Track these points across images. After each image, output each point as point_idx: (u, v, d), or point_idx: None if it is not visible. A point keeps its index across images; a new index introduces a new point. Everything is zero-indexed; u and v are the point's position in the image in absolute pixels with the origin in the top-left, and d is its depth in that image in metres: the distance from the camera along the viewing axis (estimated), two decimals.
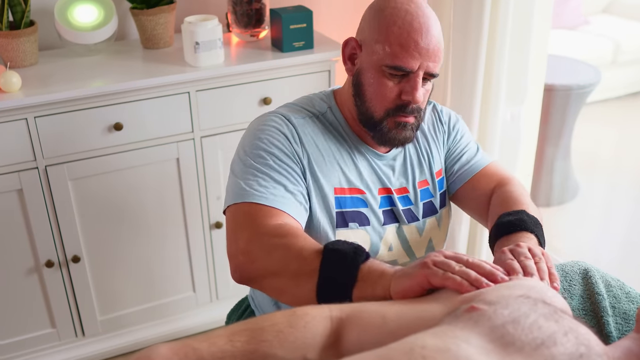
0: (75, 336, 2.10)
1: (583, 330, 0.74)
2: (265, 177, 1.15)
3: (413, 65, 1.14)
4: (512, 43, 2.00)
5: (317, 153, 1.21)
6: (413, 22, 1.14)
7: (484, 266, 0.90)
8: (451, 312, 0.78)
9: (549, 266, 0.98)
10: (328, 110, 1.29)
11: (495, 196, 1.26)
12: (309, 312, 0.81)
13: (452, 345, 0.67)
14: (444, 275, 0.88)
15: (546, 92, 2.37)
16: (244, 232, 1.08)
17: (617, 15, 4.83)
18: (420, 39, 1.13)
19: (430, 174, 1.33)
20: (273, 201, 1.11)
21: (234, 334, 0.77)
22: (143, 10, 2.02)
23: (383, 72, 1.17)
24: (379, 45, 1.16)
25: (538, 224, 1.12)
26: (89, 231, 1.98)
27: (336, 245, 0.99)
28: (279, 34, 2.05)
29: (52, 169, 1.86)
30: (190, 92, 1.93)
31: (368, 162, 1.27)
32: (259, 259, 1.05)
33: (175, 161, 2.00)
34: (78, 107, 1.82)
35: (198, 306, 2.25)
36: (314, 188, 1.20)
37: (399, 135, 1.21)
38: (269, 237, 1.05)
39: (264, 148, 1.18)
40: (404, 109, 1.18)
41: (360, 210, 1.24)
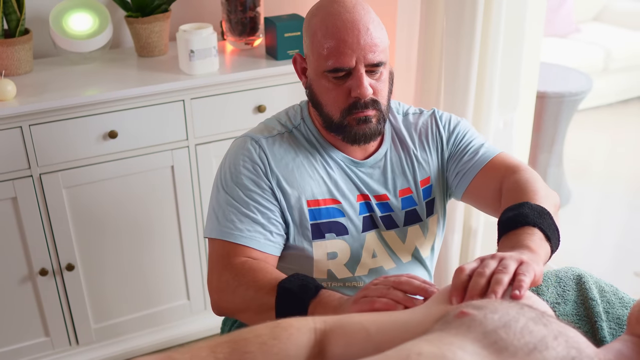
0: (69, 345, 2.09)
1: (572, 333, 0.74)
2: (234, 210, 1.21)
3: (349, 62, 1.16)
4: (504, 50, 2.01)
5: (286, 171, 1.25)
6: (336, 21, 1.16)
7: (413, 282, 0.95)
8: (441, 318, 0.78)
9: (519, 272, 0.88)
10: (301, 122, 1.31)
11: (505, 187, 1.21)
12: (293, 324, 0.81)
13: (448, 352, 0.67)
14: (371, 301, 0.94)
15: (538, 100, 2.38)
16: (215, 270, 1.19)
17: (608, 23, 4.86)
18: (347, 36, 1.15)
19: (414, 182, 1.32)
20: (239, 238, 1.19)
21: (216, 345, 0.77)
22: (138, 19, 2.02)
23: (327, 77, 1.19)
24: (314, 53, 1.19)
25: (544, 214, 1.06)
26: (83, 239, 1.98)
27: (287, 284, 1.07)
28: (273, 42, 2.06)
29: (47, 177, 1.85)
30: (185, 100, 1.94)
31: (343, 170, 1.28)
32: (227, 297, 1.16)
33: (169, 169, 2.01)
34: (73, 115, 1.82)
35: (192, 314, 2.25)
36: (286, 205, 1.24)
37: (364, 129, 1.21)
38: (233, 276, 1.15)
39: (233, 180, 1.24)
40: (357, 105, 1.19)
41: (337, 220, 1.26)
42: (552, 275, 1.10)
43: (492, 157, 1.29)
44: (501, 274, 0.86)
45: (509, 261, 0.89)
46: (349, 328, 0.83)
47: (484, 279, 0.87)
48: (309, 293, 1.03)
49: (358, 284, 1.29)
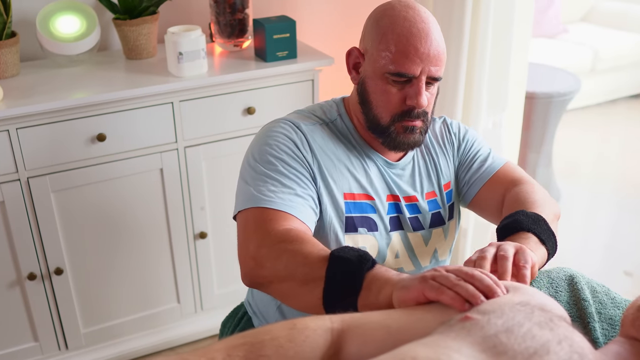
0: (58, 349, 2.08)
1: (578, 338, 0.74)
2: (274, 182, 1.16)
3: (415, 70, 1.16)
4: (493, 51, 2.02)
5: (326, 159, 1.23)
6: (412, 28, 1.16)
7: (485, 279, 0.86)
8: (445, 321, 0.78)
9: (520, 265, 0.97)
10: (338, 117, 1.31)
11: (506, 200, 1.26)
12: (310, 326, 0.80)
13: (443, 356, 0.67)
14: (440, 289, 0.85)
15: (527, 100, 2.39)
16: (253, 238, 1.10)
17: (596, 23, 4.89)
18: (419, 45, 1.15)
19: (438, 186, 1.34)
20: (282, 205, 1.13)
21: (232, 347, 0.75)
22: (126, 21, 2.01)
23: (386, 79, 1.19)
24: (380, 53, 1.18)
25: (538, 221, 1.10)
26: (72, 243, 1.97)
27: (342, 253, 0.99)
28: (262, 44, 2.05)
29: (35, 180, 1.84)
30: (173, 103, 1.93)
31: (378, 169, 1.29)
32: (267, 264, 1.06)
33: (159, 172, 2.00)
34: (60, 118, 1.81)
35: (183, 317, 2.24)
36: (324, 193, 1.22)
37: (408, 139, 1.23)
38: (277, 242, 1.06)
39: (273, 154, 1.20)
40: (410, 113, 1.21)
41: (369, 215, 1.26)
42: (544, 276, 1.10)
43: (498, 169, 1.34)
44: (504, 260, 0.97)
45: (507, 246, 0.99)
46: (368, 326, 0.81)
47: (487, 262, 0.96)
48: (366, 263, 0.96)
49: None
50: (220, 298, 2.25)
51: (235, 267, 2.21)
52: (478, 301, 0.82)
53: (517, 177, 1.31)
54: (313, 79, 2.09)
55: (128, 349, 2.17)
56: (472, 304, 0.83)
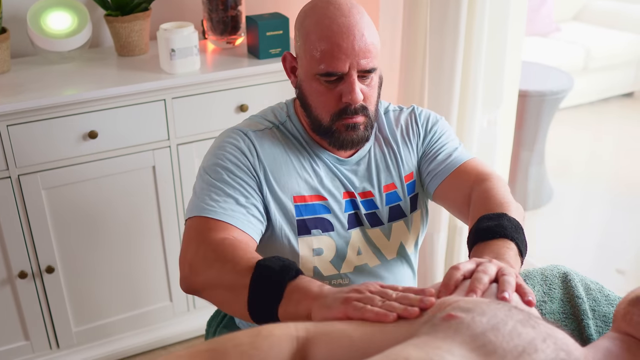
0: (49, 348, 2.06)
1: (560, 334, 0.74)
2: (218, 191, 1.18)
3: (342, 67, 1.15)
4: (488, 49, 2.02)
5: (274, 164, 1.23)
6: (332, 25, 1.14)
7: (411, 297, 0.85)
8: (427, 321, 0.77)
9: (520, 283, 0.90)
10: (287, 119, 1.30)
11: (476, 194, 1.22)
12: (274, 333, 0.79)
13: (436, 357, 0.67)
14: (363, 309, 0.85)
15: (520, 98, 2.39)
16: (191, 245, 1.12)
17: (588, 22, 4.91)
18: (342, 41, 1.14)
19: (398, 177, 1.32)
20: (222, 215, 1.14)
21: (195, 354, 0.75)
22: (118, 17, 2.00)
23: (318, 80, 1.18)
24: (307, 55, 1.18)
25: (519, 229, 1.09)
26: (63, 241, 1.95)
27: (267, 262, 1.00)
28: (255, 41, 2.05)
29: (25, 178, 1.83)
30: (166, 100, 1.92)
31: (329, 167, 1.28)
32: (200, 271, 1.08)
33: (151, 169, 1.98)
34: (51, 115, 1.80)
35: (175, 316, 2.23)
36: (272, 199, 1.22)
37: (352, 136, 1.22)
38: (211, 250, 1.08)
39: (219, 164, 1.21)
40: (347, 110, 1.19)
41: (323, 216, 1.25)
42: (538, 273, 1.10)
43: (464, 162, 1.31)
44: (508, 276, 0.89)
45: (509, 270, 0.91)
46: (333, 335, 0.81)
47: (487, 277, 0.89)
48: (288, 274, 0.96)
49: (344, 281, 1.29)
50: None
51: None
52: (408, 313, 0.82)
53: (485, 171, 1.27)
54: None
55: (120, 347, 2.16)
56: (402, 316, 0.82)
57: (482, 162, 1.33)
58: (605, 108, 4.61)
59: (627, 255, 2.86)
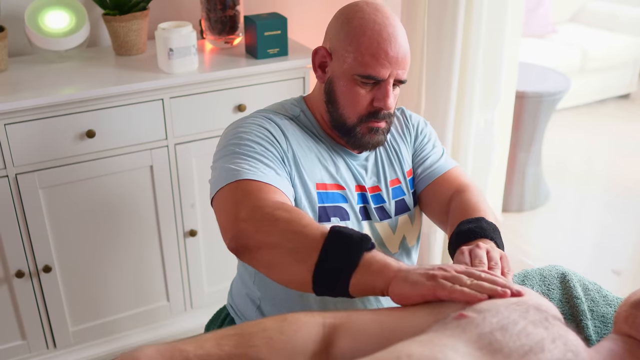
0: (46, 348, 2.06)
1: (572, 336, 0.74)
2: (254, 161, 1.14)
3: (384, 73, 1.19)
4: (485, 50, 2.02)
5: (299, 149, 1.24)
6: (382, 32, 1.18)
7: (497, 280, 0.85)
8: (440, 319, 0.78)
9: (506, 271, 1.01)
10: (301, 113, 1.33)
11: (455, 203, 1.28)
12: (301, 319, 0.80)
13: (439, 354, 0.67)
14: (452, 288, 0.83)
15: (517, 99, 2.39)
16: (245, 203, 1.05)
17: (584, 24, 4.92)
18: (389, 49, 1.17)
19: (401, 173, 1.37)
20: (268, 179, 1.10)
21: (222, 337, 0.76)
22: (115, 17, 2.00)
23: (355, 80, 1.21)
24: (349, 54, 1.19)
25: (497, 231, 1.15)
26: (60, 240, 1.95)
27: (343, 229, 0.96)
28: (253, 41, 2.05)
29: (23, 177, 1.82)
30: (164, 99, 1.92)
31: (344, 160, 1.31)
32: (261, 227, 1.01)
33: (148, 169, 1.98)
34: (49, 115, 1.79)
35: (172, 315, 2.23)
36: (298, 182, 1.22)
37: (372, 139, 1.26)
38: (272, 208, 1.02)
39: (249, 139, 1.19)
40: (376, 115, 1.23)
41: (341, 205, 1.27)
42: (536, 274, 1.11)
43: (446, 170, 1.37)
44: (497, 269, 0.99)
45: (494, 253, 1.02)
46: (361, 321, 0.81)
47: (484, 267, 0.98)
48: (367, 242, 0.93)
49: None
50: (210, 296, 2.24)
51: (226, 265, 2.20)
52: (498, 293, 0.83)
53: (465, 182, 1.34)
54: (304, 76, 2.08)
55: (117, 347, 2.16)
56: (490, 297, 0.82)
57: (463, 173, 1.39)
58: (602, 109, 4.62)
59: (623, 255, 2.87)
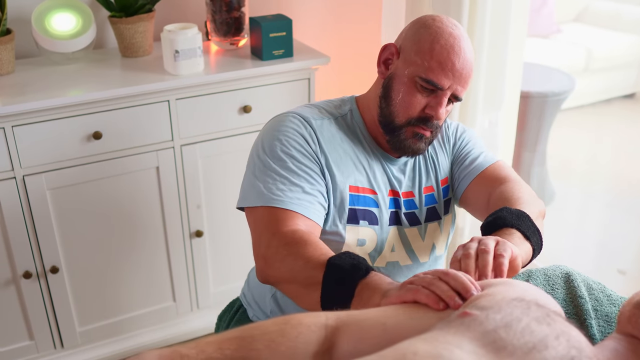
0: (54, 348, 2.07)
1: (575, 333, 0.75)
2: (284, 180, 1.20)
3: (445, 83, 1.21)
4: (489, 50, 2.03)
5: (334, 152, 1.27)
6: (454, 44, 1.20)
7: (459, 277, 0.89)
8: (443, 318, 0.79)
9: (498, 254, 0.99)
10: (349, 112, 1.35)
11: (492, 198, 1.28)
12: (304, 322, 0.80)
13: (444, 351, 0.67)
14: (415, 290, 0.89)
15: (522, 99, 2.40)
16: (263, 237, 1.16)
17: (589, 23, 4.91)
18: (457, 61, 1.20)
19: (435, 181, 1.38)
20: (290, 204, 1.17)
21: (223, 341, 0.77)
22: (122, 19, 2.01)
23: (415, 82, 1.22)
24: (418, 56, 1.21)
25: (521, 216, 1.13)
26: (67, 241, 1.96)
27: (337, 260, 1.03)
28: (258, 43, 2.05)
29: (30, 178, 1.83)
30: (170, 101, 1.93)
31: (381, 164, 1.33)
32: (274, 265, 1.12)
33: (155, 170, 1.99)
34: (56, 116, 1.81)
35: (178, 316, 2.23)
36: (332, 186, 1.25)
37: (414, 145, 1.28)
38: (283, 244, 1.11)
39: (283, 150, 1.23)
40: (425, 122, 1.25)
41: (371, 209, 1.29)
42: (540, 273, 1.11)
43: (486, 166, 1.36)
44: (485, 254, 0.98)
45: (488, 240, 1.01)
46: (365, 324, 0.82)
47: (472, 260, 0.98)
48: (359, 272, 1.00)
49: None
50: (216, 296, 2.25)
51: (232, 265, 2.21)
52: (453, 300, 0.86)
53: (504, 175, 1.33)
54: (309, 77, 2.09)
55: (124, 347, 2.17)
56: (448, 303, 0.85)
57: (504, 166, 1.38)
58: (607, 109, 4.61)
59: (627, 255, 2.87)
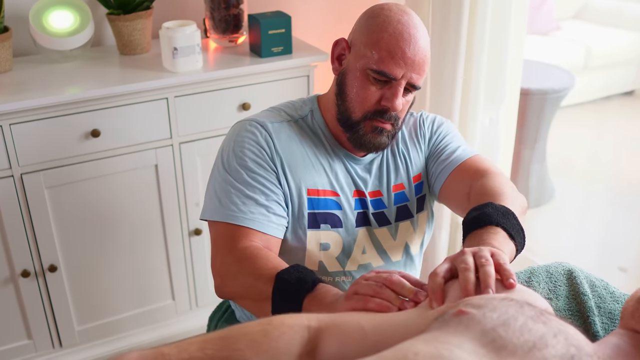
0: (52, 347, 2.07)
1: (571, 330, 0.74)
2: (238, 193, 1.20)
3: (397, 73, 1.17)
4: (489, 48, 2.02)
5: (291, 156, 1.24)
6: (403, 32, 1.17)
7: (405, 285, 0.91)
8: (439, 316, 0.78)
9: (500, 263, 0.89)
10: (310, 113, 1.32)
11: (473, 191, 1.23)
12: (286, 322, 0.81)
13: (445, 352, 0.67)
14: (365, 300, 0.90)
15: (522, 97, 2.39)
16: (218, 254, 1.18)
17: (588, 20, 4.90)
18: (407, 49, 1.16)
19: (407, 178, 1.34)
20: (242, 220, 1.17)
21: (206, 341, 0.77)
22: (120, 16, 2.00)
23: (367, 75, 1.19)
24: (367, 49, 1.18)
25: (507, 214, 1.07)
26: (66, 240, 1.95)
27: (284, 275, 1.04)
28: (257, 40, 2.05)
29: (28, 177, 1.83)
30: (168, 98, 1.92)
31: (344, 165, 1.30)
32: (228, 282, 1.14)
33: (153, 168, 1.98)
34: (54, 114, 1.80)
35: (178, 314, 2.23)
36: (288, 190, 1.23)
37: (374, 139, 1.24)
38: (235, 261, 1.13)
39: (238, 162, 1.23)
40: (382, 114, 1.21)
41: (334, 212, 1.27)
42: (542, 270, 1.10)
43: (464, 160, 1.31)
44: (487, 266, 0.87)
45: (485, 252, 0.91)
46: (345, 327, 0.82)
47: (471, 273, 0.87)
48: (305, 287, 1.01)
49: (347, 278, 1.30)
50: (215, 295, 2.23)
51: None
52: (402, 307, 0.87)
53: (483, 167, 1.28)
54: (308, 74, 2.08)
55: (123, 346, 2.16)
56: (400, 308, 0.87)
57: (483, 159, 1.33)
58: (606, 106, 4.60)
59: (628, 253, 2.86)
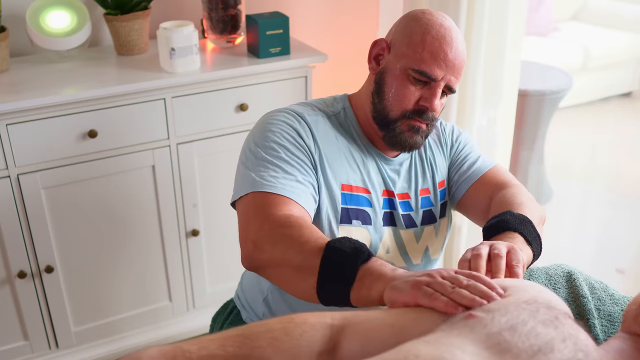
0: (48, 348, 2.06)
1: (583, 336, 0.74)
2: (276, 168, 1.17)
3: (438, 74, 1.19)
4: (487, 49, 2.02)
5: (328, 149, 1.25)
6: (446, 35, 1.20)
7: (479, 287, 0.85)
8: (448, 319, 0.77)
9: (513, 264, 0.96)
10: (342, 111, 1.33)
11: (493, 202, 1.27)
12: (308, 321, 0.79)
13: (446, 354, 0.66)
14: (433, 296, 0.84)
15: (520, 98, 2.39)
16: (254, 221, 1.11)
17: (586, 22, 4.91)
18: (449, 52, 1.19)
19: (432, 183, 1.36)
20: (283, 190, 1.13)
21: (226, 338, 0.76)
22: (117, 16, 1.99)
23: (408, 75, 1.21)
24: (410, 49, 1.21)
25: (525, 222, 1.12)
26: (62, 241, 1.95)
27: (337, 244, 0.98)
28: (255, 40, 2.04)
29: (25, 177, 1.82)
30: (165, 99, 1.91)
31: (376, 164, 1.31)
32: (266, 248, 1.07)
33: (150, 168, 1.98)
34: (51, 115, 1.79)
35: (175, 315, 2.22)
36: (323, 182, 1.23)
37: (410, 138, 1.26)
38: (276, 227, 1.07)
39: (275, 140, 1.21)
40: (421, 114, 1.24)
41: (364, 209, 1.27)
42: (542, 272, 1.10)
43: (485, 171, 1.35)
44: (498, 258, 0.96)
45: (500, 245, 0.98)
46: (372, 324, 0.80)
47: (483, 260, 0.95)
48: (361, 256, 0.95)
49: None
50: (212, 296, 2.23)
51: (228, 264, 2.20)
52: (476, 305, 0.81)
53: (504, 180, 1.32)
54: (306, 75, 2.08)
55: (119, 347, 2.15)
56: (469, 308, 0.81)
57: (503, 171, 1.37)
58: (604, 107, 4.61)
59: (626, 254, 2.86)
